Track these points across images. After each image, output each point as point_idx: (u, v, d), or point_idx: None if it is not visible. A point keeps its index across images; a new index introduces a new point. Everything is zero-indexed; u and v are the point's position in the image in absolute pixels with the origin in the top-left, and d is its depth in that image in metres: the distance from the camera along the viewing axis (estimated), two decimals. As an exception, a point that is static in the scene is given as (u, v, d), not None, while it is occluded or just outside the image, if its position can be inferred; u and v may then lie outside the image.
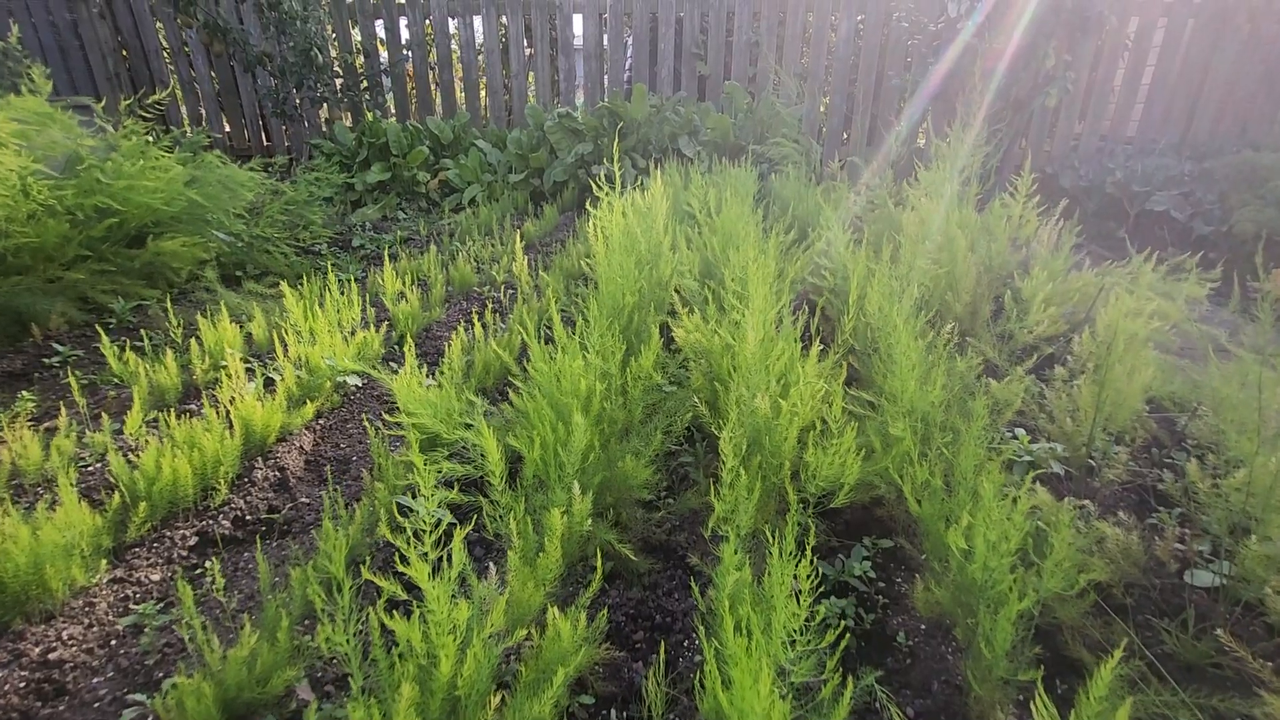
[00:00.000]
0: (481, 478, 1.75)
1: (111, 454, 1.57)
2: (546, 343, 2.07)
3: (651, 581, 1.56)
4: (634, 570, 1.56)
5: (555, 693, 0.88)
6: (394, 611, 1.07)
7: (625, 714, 1.27)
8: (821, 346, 1.67)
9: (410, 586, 1.46)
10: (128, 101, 3.56)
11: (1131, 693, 1.10)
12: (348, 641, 0.89)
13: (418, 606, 0.96)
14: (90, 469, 1.78)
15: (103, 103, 3.56)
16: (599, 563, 1.15)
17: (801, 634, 1.01)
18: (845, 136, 6.59)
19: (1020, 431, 1.81)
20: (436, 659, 0.92)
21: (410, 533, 0.99)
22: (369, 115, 5.99)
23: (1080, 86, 5.83)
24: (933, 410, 1.48)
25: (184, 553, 1.56)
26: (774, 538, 1.07)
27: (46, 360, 2.55)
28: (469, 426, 1.60)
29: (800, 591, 1.00)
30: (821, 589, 1.45)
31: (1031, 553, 1.36)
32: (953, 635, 1.36)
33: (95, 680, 1.25)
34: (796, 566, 1.00)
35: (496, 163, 5.79)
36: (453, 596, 0.95)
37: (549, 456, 1.37)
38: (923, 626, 1.39)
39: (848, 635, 1.10)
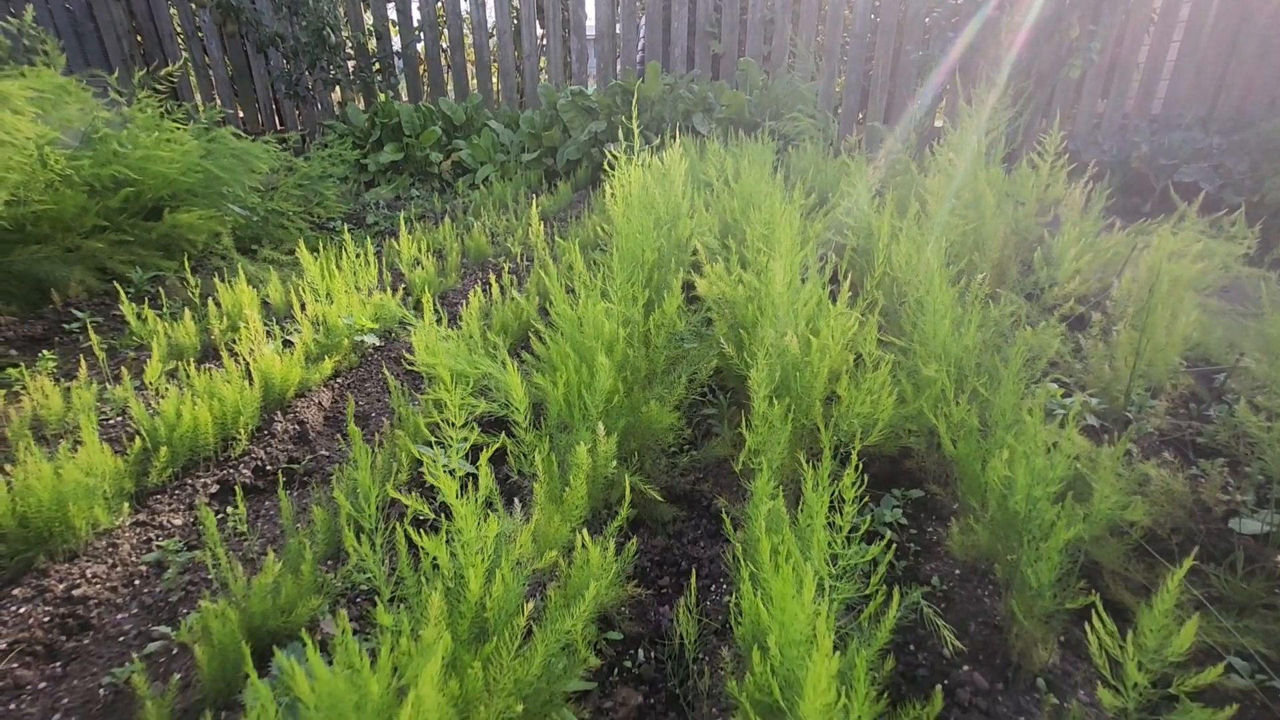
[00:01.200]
0: (502, 418, 1.72)
1: (132, 401, 1.56)
2: (568, 293, 2.04)
3: (676, 530, 1.54)
4: (659, 518, 1.53)
5: (588, 607, 0.85)
6: (415, 565, 1.04)
7: (653, 653, 1.24)
8: (850, 294, 1.63)
9: (433, 528, 1.45)
10: (141, 74, 3.56)
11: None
12: (374, 552, 0.87)
13: (445, 526, 0.93)
14: (111, 422, 1.77)
15: (115, 74, 3.56)
16: (625, 503, 1.12)
17: (836, 565, 0.97)
18: (861, 115, 6.49)
19: (1051, 385, 1.75)
20: (464, 580, 0.90)
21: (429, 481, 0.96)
22: (381, 96, 5.98)
23: (1105, 60, 5.70)
24: (966, 355, 1.44)
25: (205, 499, 1.54)
26: (809, 471, 1.04)
27: (66, 325, 2.56)
28: (491, 368, 1.57)
29: (837, 525, 0.97)
30: (851, 537, 1.42)
31: (1071, 499, 1.31)
32: (988, 578, 1.32)
33: (119, 616, 1.24)
34: (831, 501, 0.97)
35: (509, 143, 5.76)
36: (481, 517, 0.93)
37: (573, 397, 1.34)
38: (957, 571, 1.36)
39: (882, 565, 1.06)
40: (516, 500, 1.25)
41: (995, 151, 2.58)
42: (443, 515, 1.24)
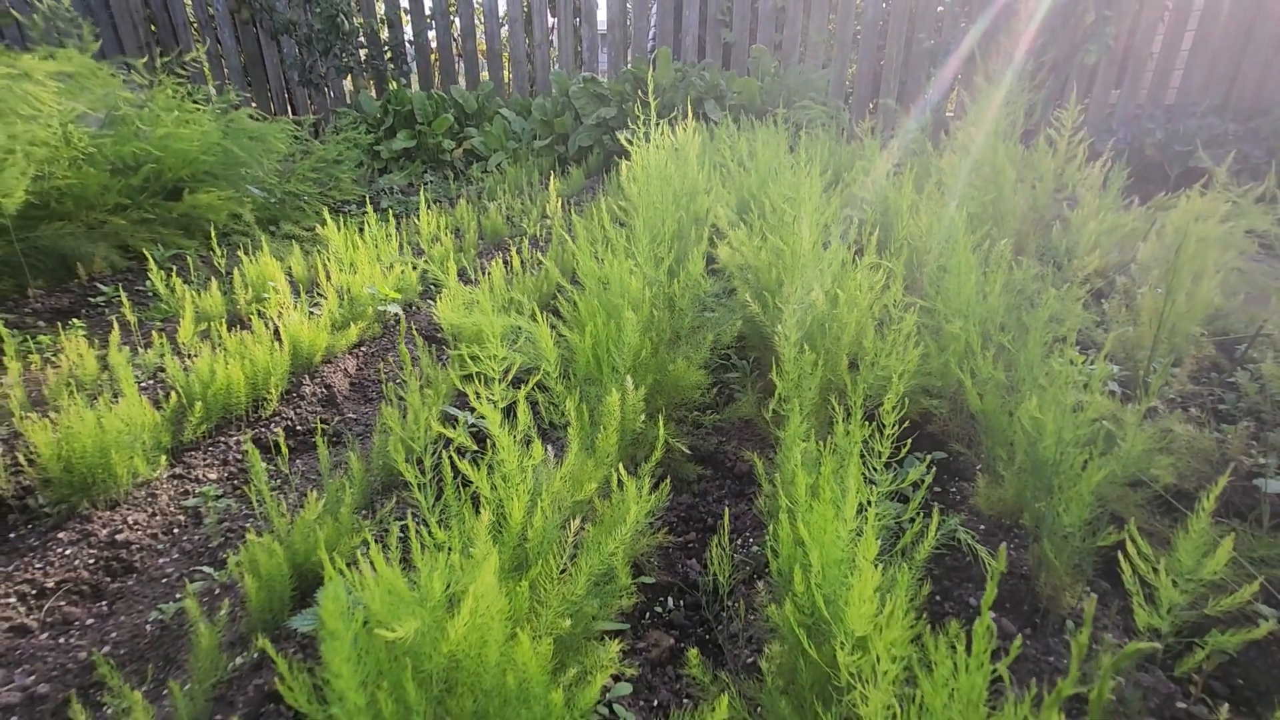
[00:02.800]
0: (524, 380, 1.75)
1: (168, 359, 1.59)
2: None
3: (701, 489, 1.56)
4: (684, 477, 1.55)
5: (630, 528, 0.87)
6: (457, 496, 1.06)
7: (681, 602, 1.26)
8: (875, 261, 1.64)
9: (465, 482, 1.47)
10: (165, 59, 3.59)
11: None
12: (422, 474, 0.89)
13: (488, 458, 0.96)
14: (144, 384, 1.80)
15: (144, 60, 3.60)
16: (659, 445, 1.14)
17: (866, 513, 0.99)
18: (873, 104, 6.47)
19: (1073, 351, 1.76)
20: (506, 510, 0.92)
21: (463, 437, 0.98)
22: (393, 84, 6.00)
23: (1119, 48, 5.66)
24: (991, 315, 1.45)
25: (238, 456, 1.57)
26: (840, 417, 1.05)
27: (92, 299, 2.59)
28: (520, 320, 1.59)
29: (872, 471, 0.98)
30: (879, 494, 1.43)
31: (1096, 454, 1.32)
32: (1014, 532, 1.33)
33: (161, 560, 1.27)
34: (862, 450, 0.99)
35: (521, 130, 5.78)
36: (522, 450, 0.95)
37: (601, 351, 1.36)
38: (982, 527, 1.37)
39: (912, 506, 1.08)
40: (549, 447, 1.27)
41: (1014, 129, 2.59)
42: (478, 458, 1.26)
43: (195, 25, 6.53)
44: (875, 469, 0.93)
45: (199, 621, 0.92)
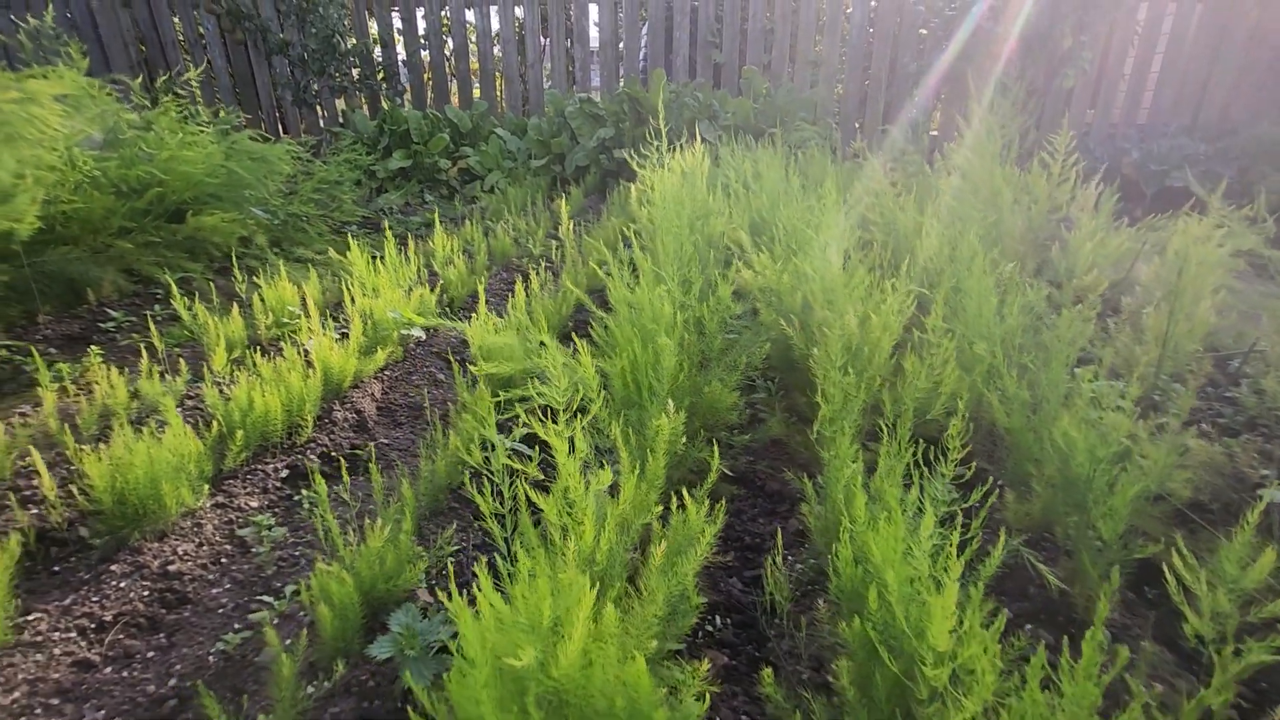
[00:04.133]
0: (548, 408, 1.79)
1: (207, 387, 1.60)
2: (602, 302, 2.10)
3: (735, 509, 1.60)
4: (719, 497, 1.59)
5: (703, 550, 0.92)
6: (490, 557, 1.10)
7: (729, 620, 1.30)
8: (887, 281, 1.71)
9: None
10: (165, 78, 3.59)
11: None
12: (493, 500, 0.93)
13: (553, 486, 0.99)
14: (154, 430, 1.80)
15: (139, 79, 3.59)
16: (715, 466, 1.18)
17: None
18: (859, 124, 6.64)
19: (1078, 371, 1.85)
20: (576, 533, 0.96)
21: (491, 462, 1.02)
22: (386, 104, 6.03)
23: (1094, 71, 5.89)
24: (1010, 336, 1.52)
25: (277, 484, 1.58)
26: (885, 438, 1.11)
27: (102, 325, 2.58)
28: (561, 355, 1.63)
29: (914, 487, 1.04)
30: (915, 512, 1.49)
31: (1122, 472, 1.39)
32: (1042, 547, 1.40)
33: (214, 590, 1.28)
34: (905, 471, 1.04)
35: (517, 150, 5.83)
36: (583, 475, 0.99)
37: (641, 376, 1.41)
38: (1012, 541, 1.43)
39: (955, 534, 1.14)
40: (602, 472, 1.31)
41: (1009, 152, 2.70)
42: (520, 480, 1.28)
43: (185, 45, 6.51)
44: (938, 488, 0.98)
45: (279, 651, 0.94)
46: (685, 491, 1.17)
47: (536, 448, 1.32)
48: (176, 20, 6.34)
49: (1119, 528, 1.07)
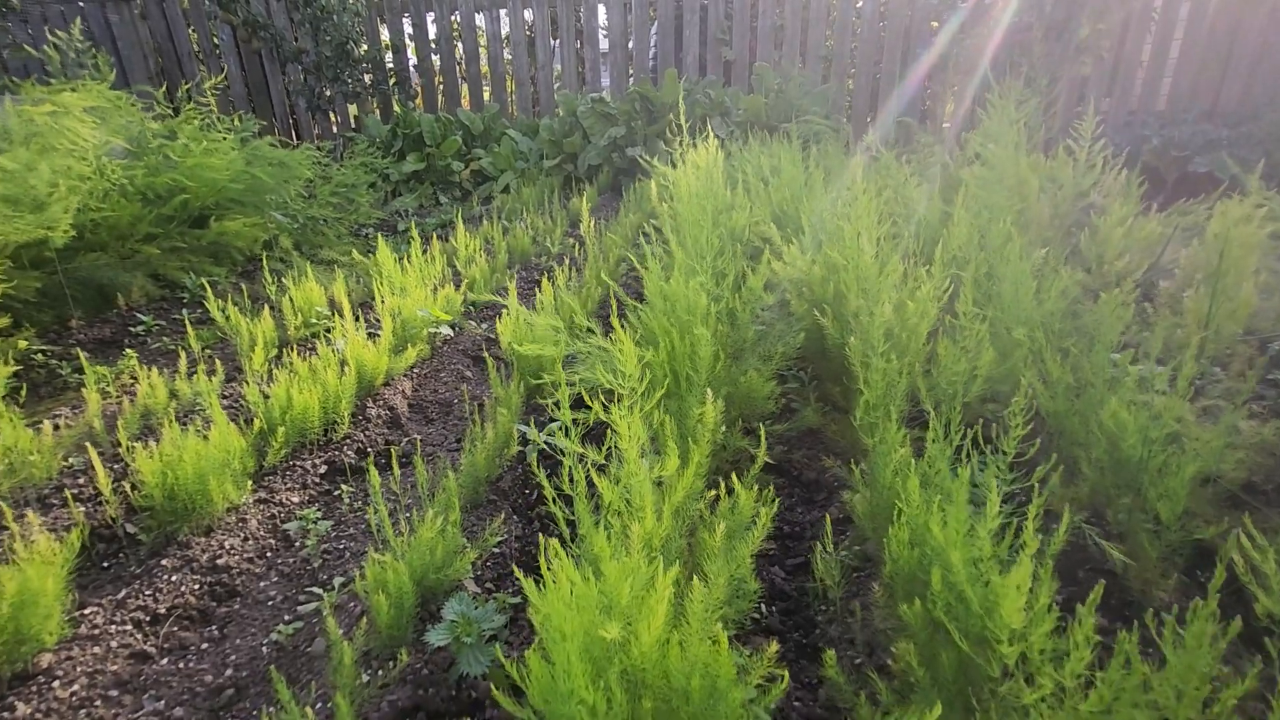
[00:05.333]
0: (579, 402, 1.79)
1: (246, 387, 1.62)
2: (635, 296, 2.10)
3: (770, 497, 1.59)
4: (757, 485, 1.59)
5: (761, 532, 0.91)
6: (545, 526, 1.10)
7: (774, 607, 1.30)
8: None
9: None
10: (186, 87, 3.64)
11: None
12: (561, 482, 0.93)
13: (613, 470, 0.99)
14: (199, 429, 1.82)
15: (163, 88, 3.64)
16: (762, 450, 1.18)
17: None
18: (870, 118, 6.61)
19: (1115, 356, 1.83)
20: (635, 517, 0.96)
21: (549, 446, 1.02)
22: (398, 109, 6.08)
23: (1111, 58, 5.83)
24: (1049, 320, 1.51)
25: (316, 479, 1.60)
26: (931, 421, 1.10)
27: (133, 329, 2.61)
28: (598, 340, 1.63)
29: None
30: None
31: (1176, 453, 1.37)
32: (1090, 527, 1.38)
33: (262, 584, 1.29)
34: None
35: (528, 150, 5.86)
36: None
37: (679, 365, 1.41)
38: (1054, 526, 1.41)
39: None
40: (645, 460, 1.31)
41: (1033, 139, 2.67)
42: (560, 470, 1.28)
43: (200, 56, 6.59)
44: (1000, 467, 0.97)
45: (339, 640, 0.95)
46: (733, 478, 1.17)
47: (574, 438, 1.33)
48: (192, 32, 6.42)
49: (1178, 508, 1.05)
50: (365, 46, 6.18)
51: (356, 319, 2.13)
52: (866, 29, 6.20)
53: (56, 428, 1.62)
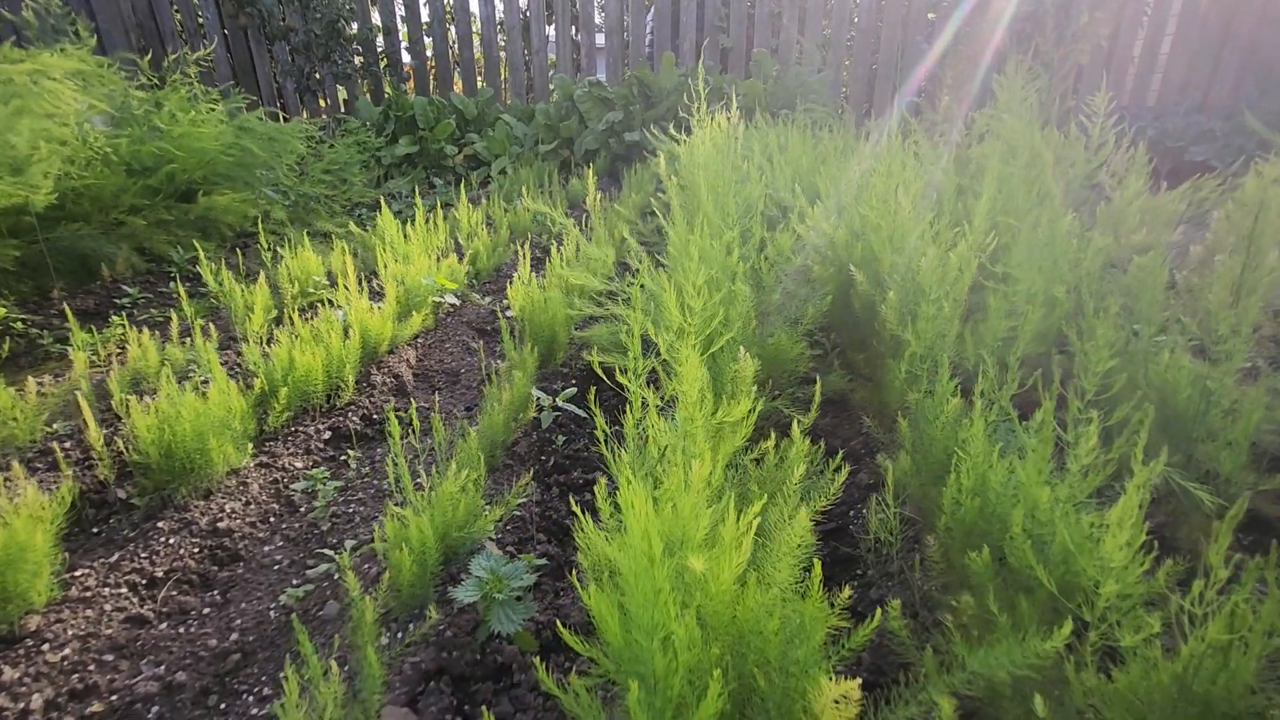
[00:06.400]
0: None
1: (247, 347, 1.53)
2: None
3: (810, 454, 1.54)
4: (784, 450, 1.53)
5: (838, 490, 0.85)
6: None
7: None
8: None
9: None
10: (172, 58, 3.51)
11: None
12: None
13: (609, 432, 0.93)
14: (205, 380, 1.73)
15: (148, 57, 3.51)
16: (816, 402, 1.12)
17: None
18: (868, 106, 6.60)
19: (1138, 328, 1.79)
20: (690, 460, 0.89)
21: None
22: (390, 91, 5.95)
23: (1106, 49, 5.86)
24: (1086, 280, 1.47)
25: (320, 445, 1.51)
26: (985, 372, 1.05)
27: (118, 301, 2.49)
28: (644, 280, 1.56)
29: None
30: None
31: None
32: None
33: (266, 548, 1.20)
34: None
35: (523, 135, 5.76)
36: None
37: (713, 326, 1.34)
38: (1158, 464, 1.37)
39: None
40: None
41: (1047, 116, 2.64)
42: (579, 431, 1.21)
43: (183, 33, 6.41)
44: (1078, 407, 0.92)
45: (359, 597, 0.87)
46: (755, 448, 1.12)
47: (640, 376, 1.26)
48: (176, 11, 6.23)
49: (1240, 459, 1.01)
50: (356, 26, 6.04)
51: (360, 286, 2.04)
52: (864, 18, 6.18)
53: (41, 392, 1.52)
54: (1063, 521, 0.72)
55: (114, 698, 0.89)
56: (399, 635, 0.98)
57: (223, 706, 0.91)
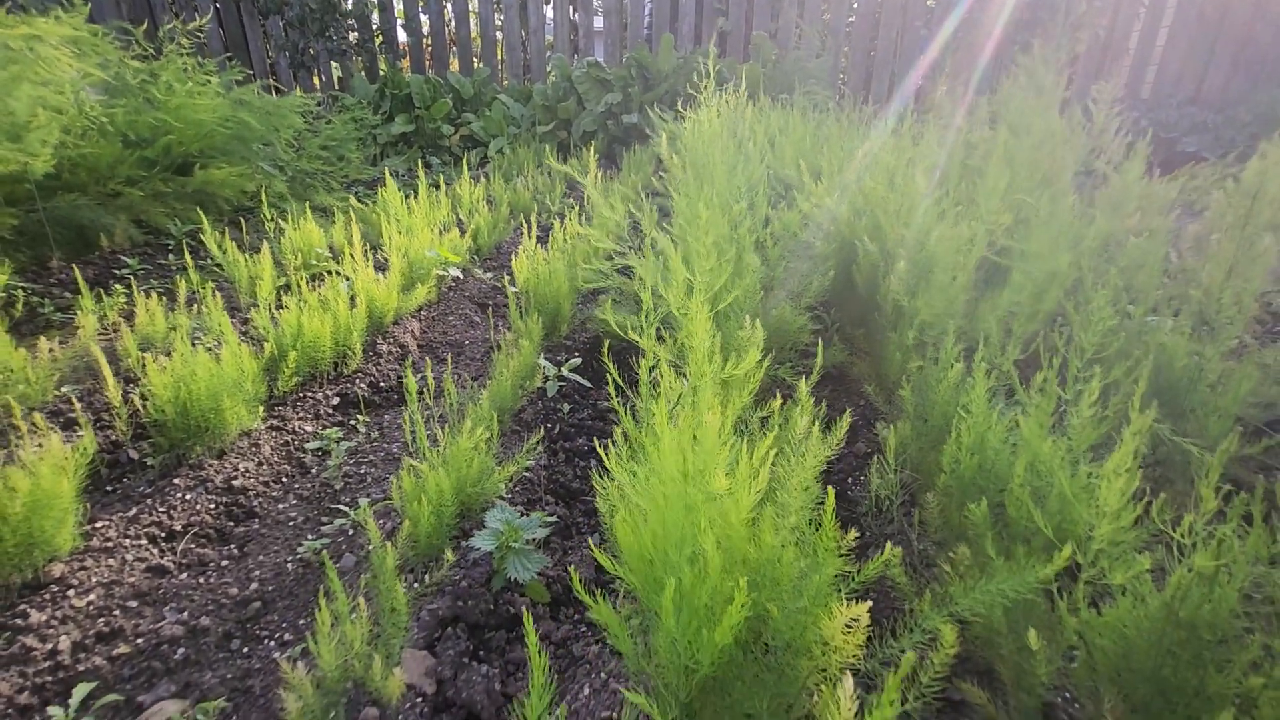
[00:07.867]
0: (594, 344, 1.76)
1: (257, 313, 1.54)
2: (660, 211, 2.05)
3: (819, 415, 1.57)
4: (788, 421, 1.56)
5: (836, 444, 0.89)
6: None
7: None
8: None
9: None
10: (167, 27, 3.46)
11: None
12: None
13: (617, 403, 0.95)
14: (210, 347, 1.74)
15: (144, 27, 3.46)
16: (819, 362, 1.15)
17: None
18: (865, 92, 6.60)
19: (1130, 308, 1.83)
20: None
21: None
22: (385, 68, 5.88)
23: (1103, 39, 5.89)
24: (1087, 257, 1.50)
25: (329, 410, 1.53)
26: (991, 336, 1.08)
27: (117, 271, 2.49)
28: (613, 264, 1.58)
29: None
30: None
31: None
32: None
33: (281, 506, 1.23)
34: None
35: (520, 116, 5.73)
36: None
37: (720, 296, 1.37)
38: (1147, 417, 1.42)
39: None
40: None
41: (1054, 101, 2.67)
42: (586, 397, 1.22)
43: (174, 5, 6.29)
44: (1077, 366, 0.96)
45: (380, 543, 0.90)
46: (800, 384, 1.14)
47: (648, 329, 1.28)
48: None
49: (1228, 424, 1.05)
50: (351, 1, 5.96)
51: (367, 257, 2.05)
52: (863, 3, 6.16)
53: (54, 355, 1.52)
54: (1062, 471, 0.76)
55: (140, 640, 0.92)
56: (414, 586, 1.01)
57: (245, 650, 0.93)
